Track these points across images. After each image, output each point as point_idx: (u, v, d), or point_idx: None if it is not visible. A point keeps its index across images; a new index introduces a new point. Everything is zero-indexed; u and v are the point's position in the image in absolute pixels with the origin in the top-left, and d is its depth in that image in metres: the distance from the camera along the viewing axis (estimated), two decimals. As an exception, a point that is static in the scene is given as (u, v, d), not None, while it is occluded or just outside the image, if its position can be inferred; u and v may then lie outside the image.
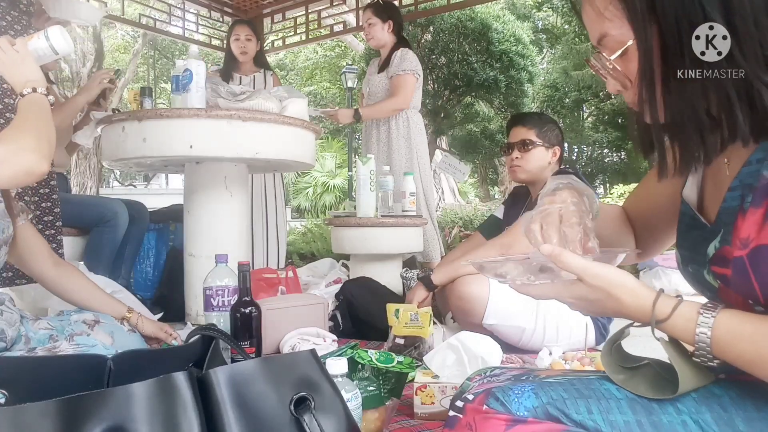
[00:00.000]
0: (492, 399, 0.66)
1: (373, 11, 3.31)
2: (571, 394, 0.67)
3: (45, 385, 0.78)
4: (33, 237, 1.54)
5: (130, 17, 5.70)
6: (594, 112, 13.20)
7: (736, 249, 0.64)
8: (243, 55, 3.55)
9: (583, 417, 0.65)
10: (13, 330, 1.40)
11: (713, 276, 0.70)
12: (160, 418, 0.62)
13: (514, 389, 0.67)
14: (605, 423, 0.65)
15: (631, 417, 0.65)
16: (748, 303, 0.65)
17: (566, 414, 0.65)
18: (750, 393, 0.66)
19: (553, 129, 2.26)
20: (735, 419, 0.64)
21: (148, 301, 2.61)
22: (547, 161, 2.22)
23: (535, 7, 13.92)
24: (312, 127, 2.46)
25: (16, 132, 1.27)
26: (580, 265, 0.68)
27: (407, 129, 3.31)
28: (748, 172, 0.66)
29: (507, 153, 2.29)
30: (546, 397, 0.66)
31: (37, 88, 1.36)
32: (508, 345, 1.96)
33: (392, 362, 1.24)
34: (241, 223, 2.48)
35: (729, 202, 0.68)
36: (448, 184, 11.97)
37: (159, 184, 21.03)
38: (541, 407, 0.65)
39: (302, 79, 17.88)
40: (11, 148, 1.23)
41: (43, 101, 1.37)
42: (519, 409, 0.65)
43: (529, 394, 0.66)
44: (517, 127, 2.27)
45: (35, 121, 1.31)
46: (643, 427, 0.64)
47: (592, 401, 0.66)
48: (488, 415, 0.65)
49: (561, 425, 0.64)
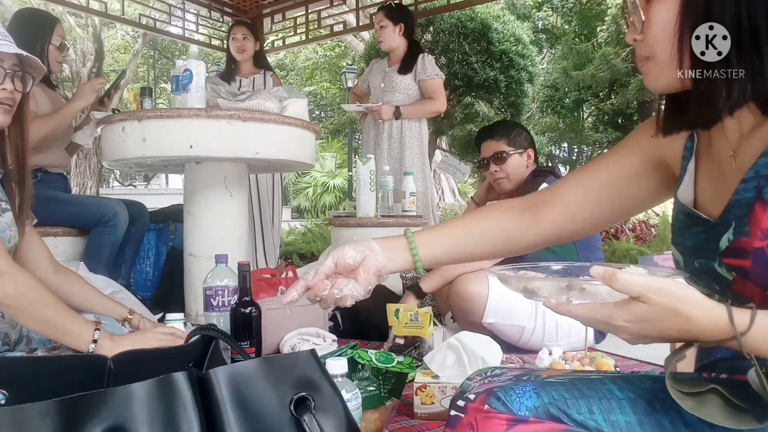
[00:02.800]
0: (493, 399, 0.66)
1: (385, 14, 3.34)
2: (572, 394, 0.67)
3: (45, 385, 0.78)
4: (35, 243, 1.54)
5: (130, 17, 5.70)
6: (594, 112, 13.18)
7: (756, 240, 0.63)
8: (240, 53, 3.55)
9: (584, 417, 0.65)
10: (15, 332, 1.40)
11: (726, 268, 0.69)
12: (160, 419, 0.62)
13: (516, 389, 0.67)
14: (607, 423, 0.65)
15: (632, 417, 0.65)
16: (767, 294, 0.64)
17: (567, 414, 0.65)
18: (752, 391, 0.66)
19: (520, 133, 2.28)
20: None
21: (148, 301, 2.61)
22: (525, 165, 2.24)
23: (535, 7, 13.92)
24: (312, 127, 2.46)
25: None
26: (641, 282, 0.59)
27: (420, 130, 3.37)
28: (764, 163, 0.66)
29: (485, 168, 2.29)
30: (547, 396, 0.66)
31: (96, 338, 1.31)
32: (508, 344, 1.97)
33: (392, 362, 1.24)
34: (241, 223, 2.48)
35: (742, 194, 0.68)
36: (448, 184, 11.97)
37: (159, 184, 21.04)
38: (542, 407, 0.65)
39: (302, 79, 17.89)
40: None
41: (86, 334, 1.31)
42: (520, 409, 0.65)
43: (530, 394, 0.66)
44: (487, 141, 2.28)
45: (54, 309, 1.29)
46: (644, 426, 0.64)
47: (593, 401, 0.66)
48: (489, 415, 0.65)
49: (562, 425, 0.64)
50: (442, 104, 3.37)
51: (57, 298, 1.32)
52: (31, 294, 1.27)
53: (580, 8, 13.22)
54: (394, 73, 3.38)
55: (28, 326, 1.35)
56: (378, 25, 3.36)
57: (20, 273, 1.28)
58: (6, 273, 1.24)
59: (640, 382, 0.70)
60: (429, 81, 3.30)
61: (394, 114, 3.30)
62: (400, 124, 3.34)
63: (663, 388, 0.67)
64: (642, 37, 0.70)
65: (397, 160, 3.33)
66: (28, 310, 1.26)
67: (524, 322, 1.95)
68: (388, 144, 3.36)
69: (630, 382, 0.70)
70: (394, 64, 3.42)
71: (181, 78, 2.17)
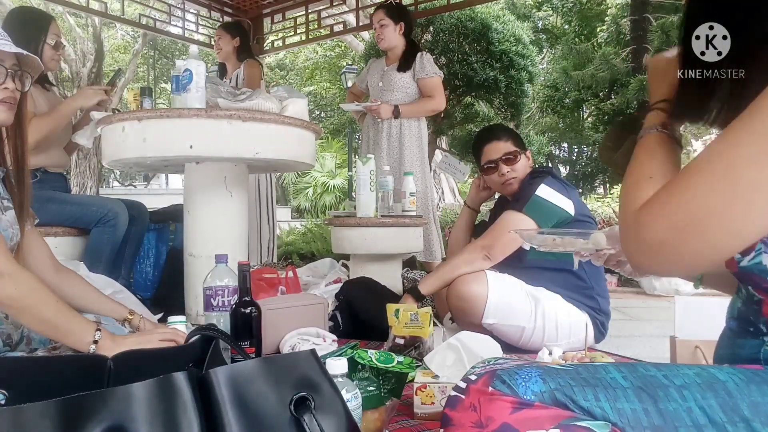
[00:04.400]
0: (498, 381, 0.66)
1: (386, 12, 3.34)
2: (578, 382, 0.67)
3: (45, 385, 0.78)
4: (36, 242, 1.54)
5: (130, 17, 5.71)
6: (594, 112, 13.17)
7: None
8: (218, 53, 3.72)
9: (590, 404, 0.65)
10: (17, 333, 1.41)
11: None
12: (160, 418, 0.62)
13: (521, 373, 0.67)
14: (613, 411, 0.65)
15: (638, 405, 0.65)
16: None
17: (574, 400, 0.65)
18: (754, 379, 0.66)
19: (518, 134, 2.29)
20: (740, 404, 0.64)
21: (148, 301, 2.61)
22: (529, 165, 2.23)
23: (535, 7, 13.93)
24: (312, 127, 2.46)
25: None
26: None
27: (419, 129, 3.37)
28: None
29: (493, 170, 2.19)
30: (554, 382, 0.66)
31: (97, 339, 1.31)
32: (508, 345, 1.96)
33: (392, 362, 1.24)
34: (241, 223, 2.48)
35: None
36: (448, 184, 11.97)
37: (159, 184, 21.03)
38: (548, 392, 0.65)
39: (302, 79, 17.89)
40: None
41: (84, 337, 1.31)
42: (526, 393, 0.65)
43: (536, 379, 0.66)
44: (492, 143, 2.20)
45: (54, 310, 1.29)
46: (649, 414, 0.64)
47: (599, 389, 0.66)
48: (494, 397, 0.65)
49: (568, 412, 0.64)
50: (441, 102, 3.37)
51: (58, 299, 1.32)
52: (33, 294, 1.27)
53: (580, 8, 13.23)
54: (393, 72, 3.38)
55: (30, 326, 1.35)
56: (378, 24, 3.36)
57: (21, 273, 1.28)
58: (7, 273, 1.24)
59: (644, 370, 0.70)
60: (428, 79, 3.30)
61: (393, 113, 3.30)
62: (399, 124, 3.33)
63: (666, 376, 0.67)
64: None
65: (396, 160, 3.33)
66: (29, 310, 1.26)
67: (524, 323, 1.95)
68: (387, 143, 3.36)
69: (634, 370, 0.70)
70: (393, 62, 3.42)
71: (181, 78, 2.17)
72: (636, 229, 0.66)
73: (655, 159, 0.75)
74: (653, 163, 0.74)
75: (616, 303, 3.13)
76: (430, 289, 2.06)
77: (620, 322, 3.13)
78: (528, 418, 0.63)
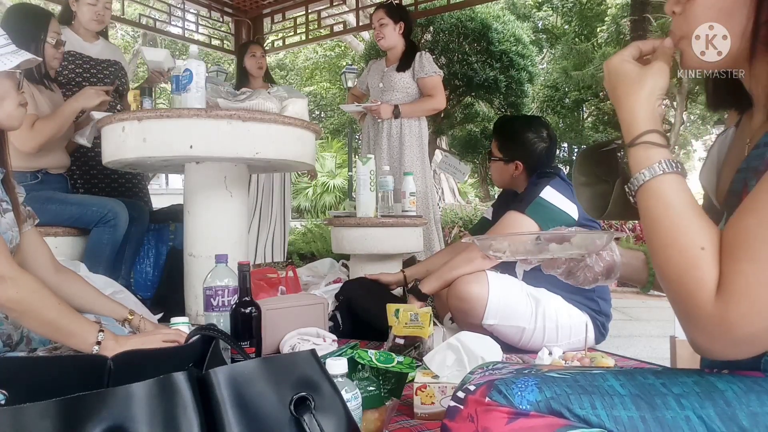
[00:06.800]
0: (494, 392, 0.66)
1: (386, 11, 3.35)
2: (574, 390, 0.67)
3: (45, 385, 0.78)
4: (36, 243, 1.54)
5: (130, 17, 5.70)
6: (594, 112, 13.20)
7: None
8: (259, 70, 3.80)
9: (586, 412, 0.65)
10: (17, 333, 1.41)
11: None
12: (160, 419, 0.62)
13: (518, 382, 0.67)
14: (609, 418, 0.65)
15: (635, 413, 0.65)
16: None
17: (570, 409, 0.65)
18: (753, 388, 0.65)
19: (513, 138, 2.26)
20: (738, 414, 0.63)
21: (148, 302, 2.60)
22: (515, 174, 2.24)
23: (535, 7, 13.94)
24: (312, 127, 2.46)
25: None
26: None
27: (419, 129, 3.36)
28: (756, 155, 0.65)
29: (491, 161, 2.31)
30: (549, 391, 0.66)
31: (100, 340, 1.32)
32: (508, 345, 1.96)
33: (392, 362, 1.24)
34: (241, 223, 2.48)
35: (735, 185, 0.68)
36: (448, 184, 11.99)
37: (159, 184, 20.99)
38: (544, 401, 0.65)
39: (302, 79, 17.89)
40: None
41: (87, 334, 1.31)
42: (522, 403, 0.65)
43: (532, 388, 0.66)
44: (493, 138, 2.34)
45: (52, 307, 1.29)
46: (646, 422, 0.64)
47: (595, 397, 0.66)
48: (490, 408, 0.65)
49: (563, 420, 0.64)
50: (441, 101, 3.37)
51: (59, 300, 1.32)
52: (35, 297, 1.26)
53: (580, 8, 13.23)
54: (393, 72, 3.38)
55: (32, 329, 1.35)
56: (378, 23, 3.37)
57: (22, 276, 1.28)
58: (9, 277, 1.23)
59: (642, 378, 0.70)
60: (427, 78, 3.30)
61: (393, 112, 3.30)
62: (399, 124, 3.33)
63: (665, 384, 0.67)
64: (681, 10, 0.70)
65: (396, 160, 3.33)
66: (31, 313, 1.26)
67: (524, 324, 1.95)
68: (388, 143, 3.36)
69: (632, 378, 0.70)
70: (392, 63, 3.42)
71: (181, 78, 2.17)
72: (722, 327, 0.59)
73: (688, 217, 0.63)
74: (692, 225, 0.63)
75: (617, 303, 3.13)
76: (432, 288, 2.06)
77: (620, 322, 3.13)
78: (523, 428, 0.63)
